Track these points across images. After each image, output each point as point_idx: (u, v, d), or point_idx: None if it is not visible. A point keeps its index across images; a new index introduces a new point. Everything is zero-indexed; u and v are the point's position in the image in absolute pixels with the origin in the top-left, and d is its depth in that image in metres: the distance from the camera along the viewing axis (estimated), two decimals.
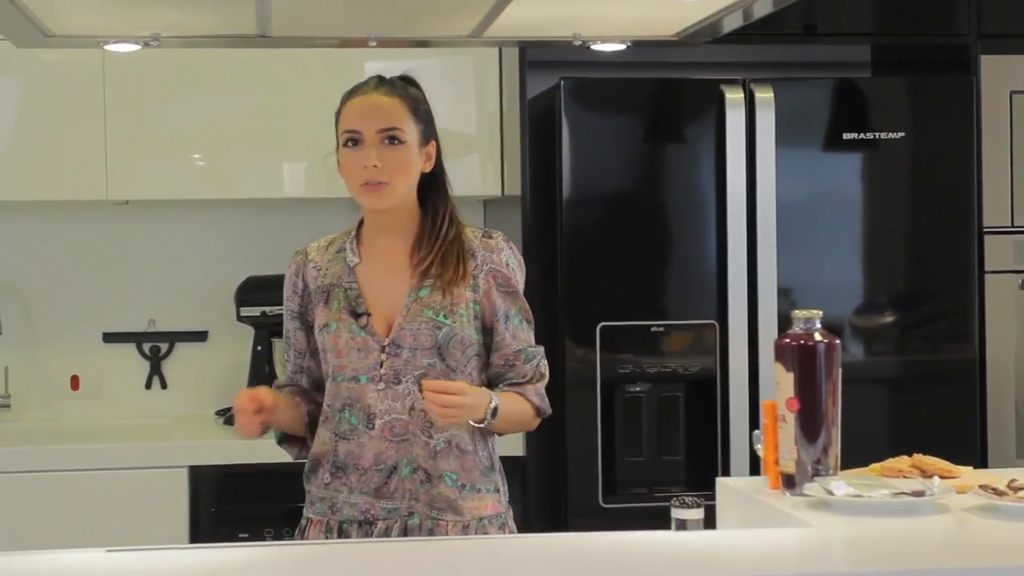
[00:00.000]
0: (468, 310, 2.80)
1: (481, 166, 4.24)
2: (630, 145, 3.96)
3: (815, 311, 2.55)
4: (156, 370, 4.48)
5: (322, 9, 2.47)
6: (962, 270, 4.05)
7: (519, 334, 2.86)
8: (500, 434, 2.90)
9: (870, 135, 3.97)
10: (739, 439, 3.91)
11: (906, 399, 4.05)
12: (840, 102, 4.02)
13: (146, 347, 4.48)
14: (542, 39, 2.69)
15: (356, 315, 2.81)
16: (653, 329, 3.92)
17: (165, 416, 4.42)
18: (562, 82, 3.89)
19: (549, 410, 2.92)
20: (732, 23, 2.63)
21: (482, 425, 2.77)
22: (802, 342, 2.52)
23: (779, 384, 2.54)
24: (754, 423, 3.90)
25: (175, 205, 4.40)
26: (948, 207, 4.05)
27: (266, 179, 4.24)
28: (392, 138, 2.76)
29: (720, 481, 2.73)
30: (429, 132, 2.84)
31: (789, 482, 2.53)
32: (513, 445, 4.02)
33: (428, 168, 2.84)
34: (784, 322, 3.85)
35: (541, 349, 2.92)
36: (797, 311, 2.56)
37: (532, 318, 2.90)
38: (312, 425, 2.91)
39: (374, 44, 2.60)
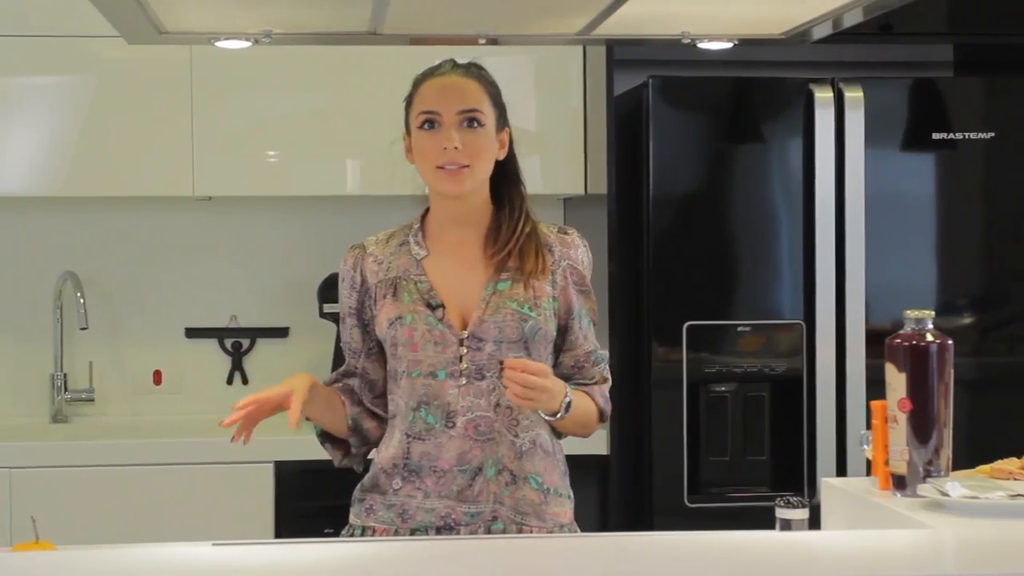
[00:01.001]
0: (549, 305, 2.73)
1: (563, 163, 4.23)
2: (717, 144, 3.95)
3: (927, 311, 2.54)
4: (237, 366, 4.51)
5: (436, 7, 2.47)
6: None
7: (589, 335, 2.81)
8: (562, 434, 2.80)
9: (958, 135, 3.95)
10: (825, 439, 3.89)
11: (986, 400, 4.02)
12: (928, 102, 4.00)
13: (228, 343, 4.50)
14: (650, 37, 2.67)
15: (431, 308, 2.70)
16: (739, 328, 3.91)
17: None
18: (650, 80, 3.89)
19: (609, 415, 2.86)
20: (845, 22, 2.62)
21: (555, 418, 2.68)
22: (914, 342, 2.51)
23: (890, 384, 2.53)
24: (841, 423, 3.90)
25: (257, 201, 4.43)
26: None
27: (342, 176, 4.25)
28: (472, 120, 2.70)
29: (826, 481, 2.71)
30: (503, 119, 2.78)
31: (900, 483, 2.52)
32: (596, 444, 4.02)
33: (502, 156, 2.77)
34: (872, 322, 3.89)
35: (607, 354, 2.86)
36: (909, 311, 2.55)
37: (596, 319, 2.85)
38: (356, 430, 2.82)
39: (483, 42, 2.59)
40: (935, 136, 3.95)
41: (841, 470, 3.88)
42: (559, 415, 2.68)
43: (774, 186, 3.93)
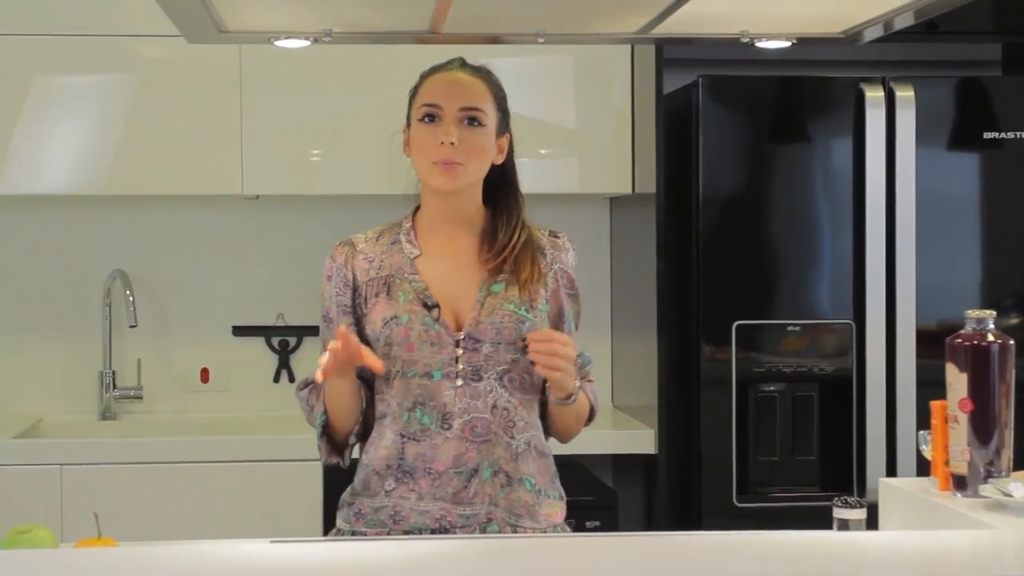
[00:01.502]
0: (544, 307, 2.72)
1: (609, 163, 4.23)
2: (766, 143, 3.94)
3: (988, 311, 2.52)
4: (284, 364, 4.52)
5: (497, 7, 2.47)
6: None
7: (576, 339, 2.77)
8: (555, 428, 2.78)
9: (1008, 134, 3.93)
10: (875, 440, 3.88)
11: None
12: (977, 101, 3.98)
13: (275, 341, 4.52)
14: (708, 36, 2.66)
15: (427, 307, 2.68)
16: (789, 328, 3.90)
17: (293, 409, 4.44)
18: (700, 79, 3.88)
19: (596, 416, 2.83)
20: (902, 22, 2.61)
21: (569, 401, 2.68)
22: (975, 342, 2.50)
23: (950, 384, 2.52)
24: (891, 424, 3.88)
25: (304, 200, 4.44)
26: None
27: (389, 176, 4.24)
28: (473, 119, 2.68)
29: (883, 481, 2.70)
30: (505, 124, 2.76)
31: (960, 483, 2.51)
32: (644, 443, 4.03)
33: (499, 160, 2.75)
34: (921, 322, 3.87)
35: (592, 357, 2.83)
36: (970, 311, 2.53)
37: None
38: (364, 421, 2.76)
39: (542, 41, 2.59)
40: (985, 135, 3.93)
41: (891, 470, 3.87)
42: (573, 398, 2.69)
43: (823, 185, 3.92)
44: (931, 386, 3.83)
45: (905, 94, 3.87)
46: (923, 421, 3.83)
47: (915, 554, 2.26)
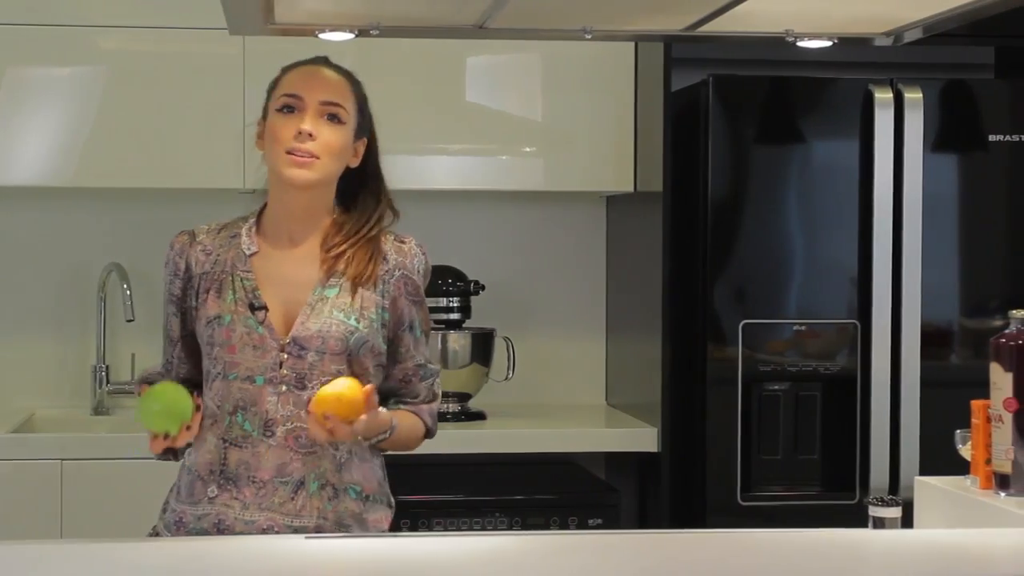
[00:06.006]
0: (377, 316, 2.65)
1: (610, 161, 4.23)
2: (774, 143, 3.96)
3: None
4: None
5: (549, 2, 2.46)
6: None
7: (420, 347, 2.73)
8: (383, 450, 2.72)
9: (1014, 137, 3.97)
10: (879, 439, 3.90)
11: None
12: (984, 104, 4.01)
13: None
14: (753, 34, 2.66)
15: (253, 309, 2.61)
16: (795, 327, 3.91)
17: None
18: (711, 79, 3.89)
19: (435, 433, 2.77)
20: (945, 25, 2.63)
21: (369, 443, 2.62)
22: (1021, 342, 2.52)
23: (995, 384, 2.54)
24: (895, 424, 3.91)
25: None
26: None
27: (388, 171, 4.23)
28: (333, 115, 2.64)
29: (919, 480, 2.73)
30: (365, 129, 2.72)
31: (1003, 482, 2.53)
32: (646, 441, 4.04)
33: (355, 164, 2.69)
34: (926, 323, 3.90)
35: (438, 368, 2.80)
36: (1014, 311, 2.55)
37: (430, 330, 2.77)
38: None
39: (589, 37, 2.59)
40: (991, 138, 3.96)
41: (894, 470, 3.89)
42: (375, 440, 2.62)
43: (830, 186, 3.93)
44: (935, 386, 3.89)
45: (913, 95, 3.89)
46: (926, 421, 3.90)
47: (962, 551, 2.28)
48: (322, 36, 2.61)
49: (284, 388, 2.59)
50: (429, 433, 2.76)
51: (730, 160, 3.91)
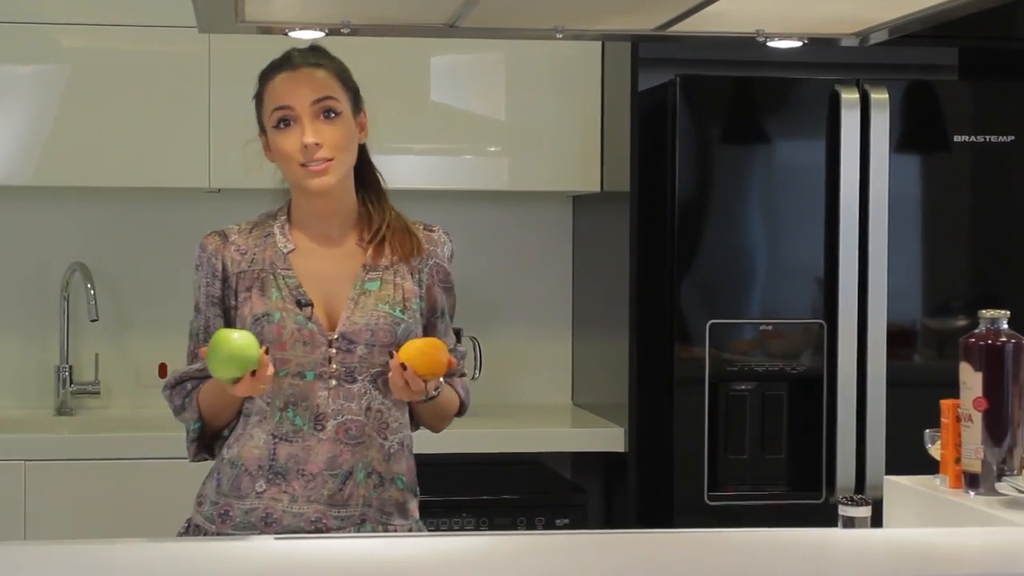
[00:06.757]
0: (417, 306, 2.70)
1: (576, 161, 4.23)
2: (742, 143, 3.96)
3: (1002, 311, 2.56)
4: None
5: (521, 1, 2.46)
6: None
7: (449, 332, 2.77)
8: (420, 422, 2.79)
9: (979, 138, 3.99)
10: (845, 439, 3.91)
11: None
12: (948, 104, 4.03)
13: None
14: (724, 34, 2.66)
15: (300, 305, 2.63)
16: (762, 327, 3.92)
17: None
18: (678, 79, 3.89)
19: (468, 409, 2.85)
20: (911, 26, 2.64)
21: (422, 399, 2.65)
22: (990, 342, 2.53)
23: (964, 383, 2.55)
24: (861, 423, 3.92)
25: (266, 194, 4.36)
26: None
27: None
28: (328, 110, 2.63)
29: (889, 479, 2.73)
30: (358, 100, 2.71)
31: (972, 481, 2.54)
32: (613, 441, 4.04)
33: (364, 139, 2.72)
34: (892, 323, 3.92)
35: (465, 351, 2.86)
36: (984, 311, 2.56)
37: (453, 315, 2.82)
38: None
39: (560, 36, 2.58)
40: (956, 139, 3.99)
41: (860, 469, 3.91)
42: (430, 398, 2.67)
43: (797, 186, 3.95)
44: (900, 386, 3.91)
45: (879, 96, 3.91)
46: (892, 420, 3.91)
47: (932, 550, 2.29)
48: (292, 34, 2.59)
49: (334, 382, 2.62)
50: (463, 407, 2.82)
51: (697, 160, 3.92)
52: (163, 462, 3.89)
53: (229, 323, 2.68)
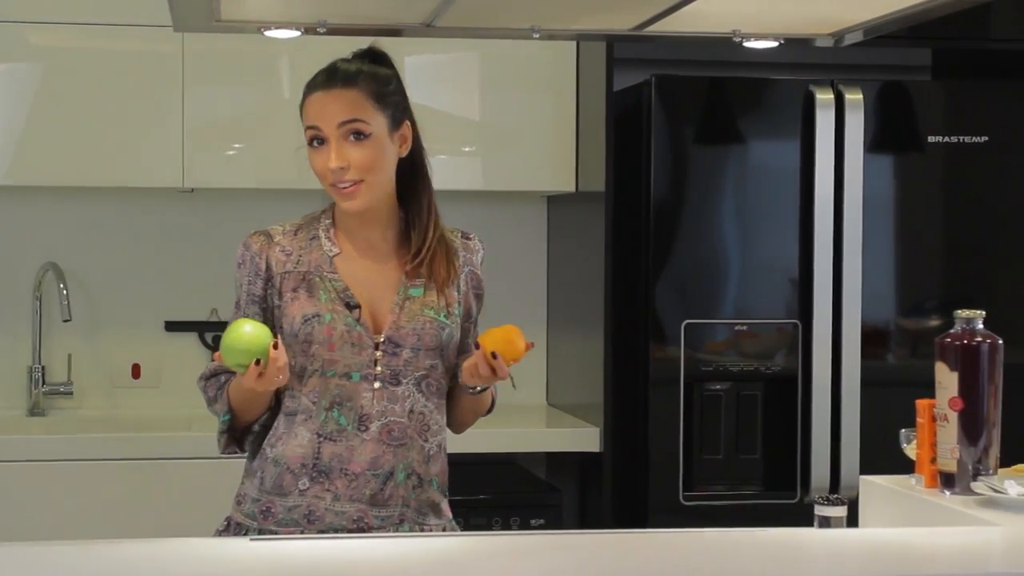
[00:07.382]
0: (458, 312, 2.74)
1: (550, 161, 4.23)
2: (717, 143, 3.97)
3: (977, 311, 2.57)
4: None
5: (496, 1, 2.45)
6: None
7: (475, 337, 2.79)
8: (454, 418, 2.84)
9: (953, 139, 4.00)
10: (819, 439, 3.92)
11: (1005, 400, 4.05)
12: (922, 105, 4.05)
13: (208, 336, 4.44)
14: (701, 35, 2.67)
15: (349, 307, 2.66)
16: (737, 327, 3.93)
17: None
18: (653, 79, 3.89)
19: (494, 408, 2.90)
20: (886, 27, 2.64)
21: (479, 391, 2.73)
22: (965, 342, 2.54)
23: (940, 383, 2.56)
24: (835, 423, 3.93)
25: (239, 194, 4.37)
26: None
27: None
28: (356, 132, 2.61)
29: (864, 479, 2.74)
30: (400, 113, 2.68)
31: (948, 481, 2.55)
32: (589, 441, 4.04)
33: (405, 152, 2.69)
34: (867, 323, 3.93)
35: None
36: (959, 311, 2.57)
37: None
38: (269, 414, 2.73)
39: (537, 36, 2.58)
40: (930, 139, 4.00)
41: (835, 469, 3.92)
42: (479, 389, 2.73)
43: (772, 186, 3.95)
44: (875, 386, 3.92)
45: (854, 96, 3.92)
46: (867, 420, 3.92)
47: (908, 550, 2.29)
48: (268, 34, 2.59)
49: (379, 384, 2.65)
50: (492, 405, 2.87)
51: (672, 160, 3.92)
52: (136, 463, 3.89)
53: (267, 322, 2.67)
